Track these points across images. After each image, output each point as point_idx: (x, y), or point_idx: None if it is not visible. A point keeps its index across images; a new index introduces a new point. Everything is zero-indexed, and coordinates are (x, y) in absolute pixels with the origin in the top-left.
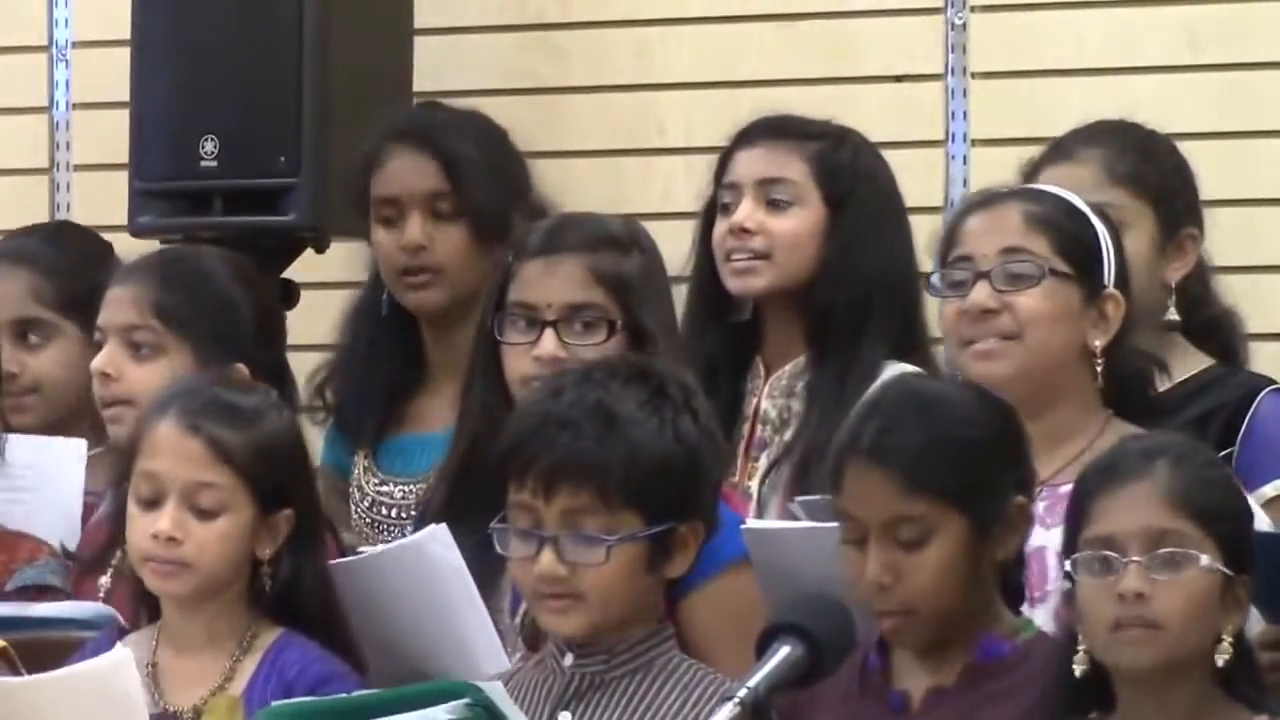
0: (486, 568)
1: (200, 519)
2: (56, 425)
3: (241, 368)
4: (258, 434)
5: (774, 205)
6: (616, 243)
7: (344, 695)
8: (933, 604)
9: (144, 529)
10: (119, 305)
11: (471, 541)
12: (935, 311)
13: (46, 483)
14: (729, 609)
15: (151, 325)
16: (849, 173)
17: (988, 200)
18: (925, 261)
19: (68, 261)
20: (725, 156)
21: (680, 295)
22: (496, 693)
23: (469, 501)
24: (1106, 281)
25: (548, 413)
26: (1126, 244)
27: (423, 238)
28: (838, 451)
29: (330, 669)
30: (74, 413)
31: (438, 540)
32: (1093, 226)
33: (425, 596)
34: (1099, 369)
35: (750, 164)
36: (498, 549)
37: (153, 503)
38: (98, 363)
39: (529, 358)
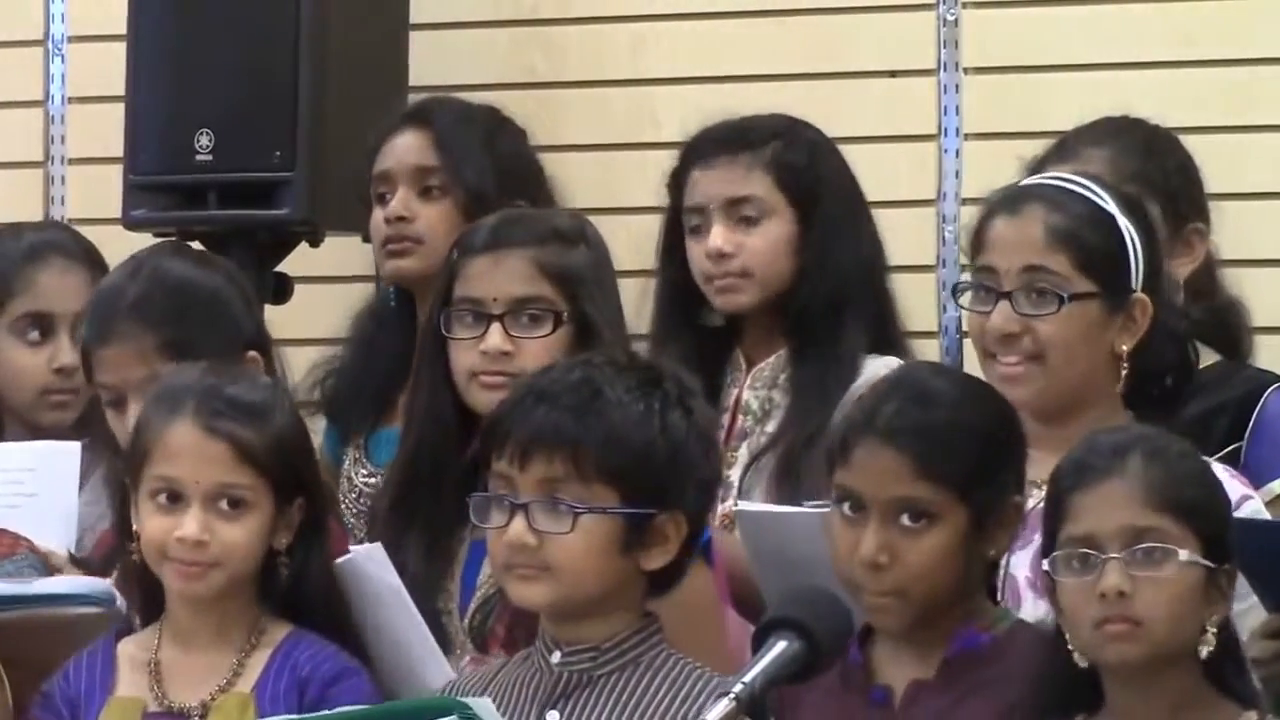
0: (433, 571)
1: (225, 519)
2: (80, 422)
3: (255, 356)
4: (274, 430)
5: (745, 222)
6: (562, 236)
7: (328, 713)
8: (923, 589)
9: (165, 531)
10: (129, 362)
11: (422, 545)
12: (927, 304)
13: (45, 487)
14: (690, 601)
15: (166, 370)
16: (811, 175)
17: (1014, 202)
18: (919, 255)
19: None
20: (680, 173)
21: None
22: (484, 709)
23: (418, 504)
24: (1134, 284)
25: (532, 386)
26: None
27: (404, 209)
28: (849, 427)
29: (342, 666)
30: (87, 415)
31: (373, 560)
32: (1119, 230)
33: (364, 613)
34: (1124, 371)
35: (713, 185)
36: (474, 520)
37: (173, 505)
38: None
39: (475, 351)
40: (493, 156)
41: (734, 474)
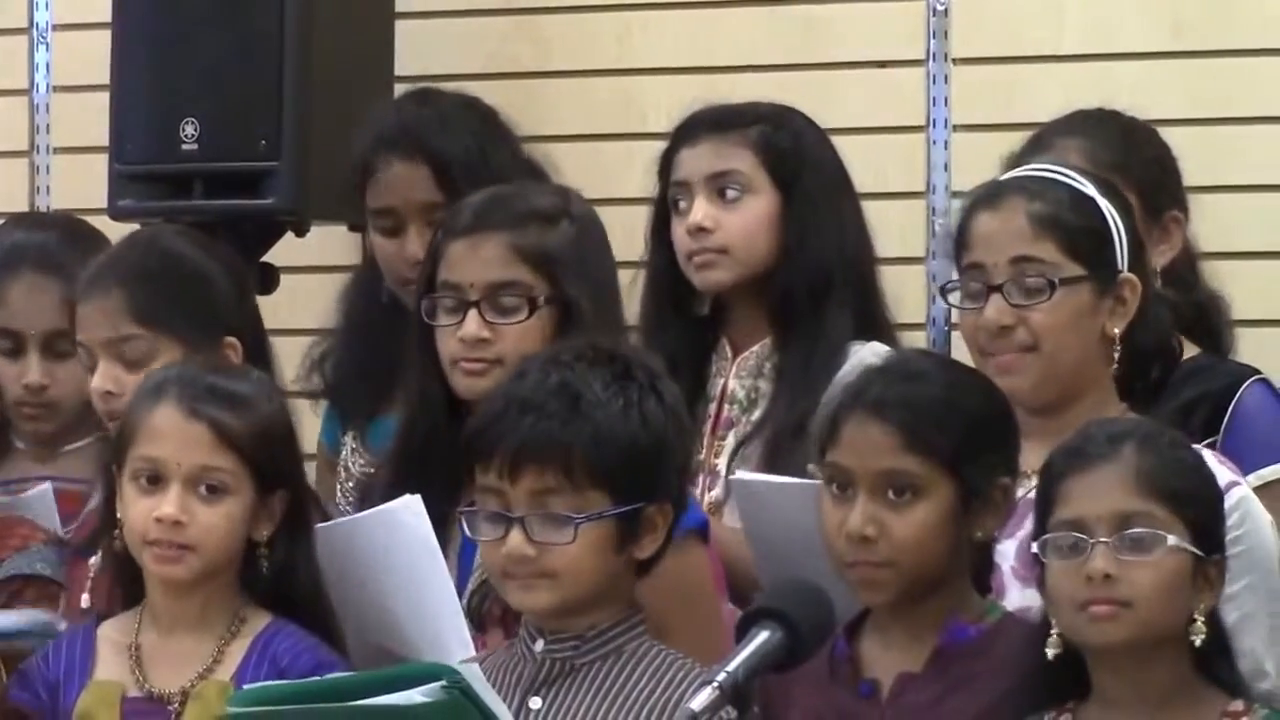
0: None
1: (204, 502)
2: (62, 430)
3: (234, 342)
4: (256, 417)
5: (726, 198)
6: (542, 216)
7: (319, 678)
8: (912, 560)
9: (146, 512)
10: (97, 320)
11: None
12: (916, 296)
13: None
14: (679, 584)
15: (136, 333)
16: (794, 155)
17: (994, 197)
18: (908, 247)
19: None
20: (669, 155)
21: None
22: (473, 675)
23: (412, 487)
24: (1121, 265)
25: (512, 395)
26: None
27: (424, 252)
28: (836, 407)
29: (320, 659)
30: (79, 415)
31: (410, 510)
32: (1100, 212)
33: (393, 567)
34: (1117, 354)
35: (697, 161)
36: (466, 533)
37: (154, 488)
38: (97, 383)
39: (457, 338)
40: (492, 176)
41: (720, 462)
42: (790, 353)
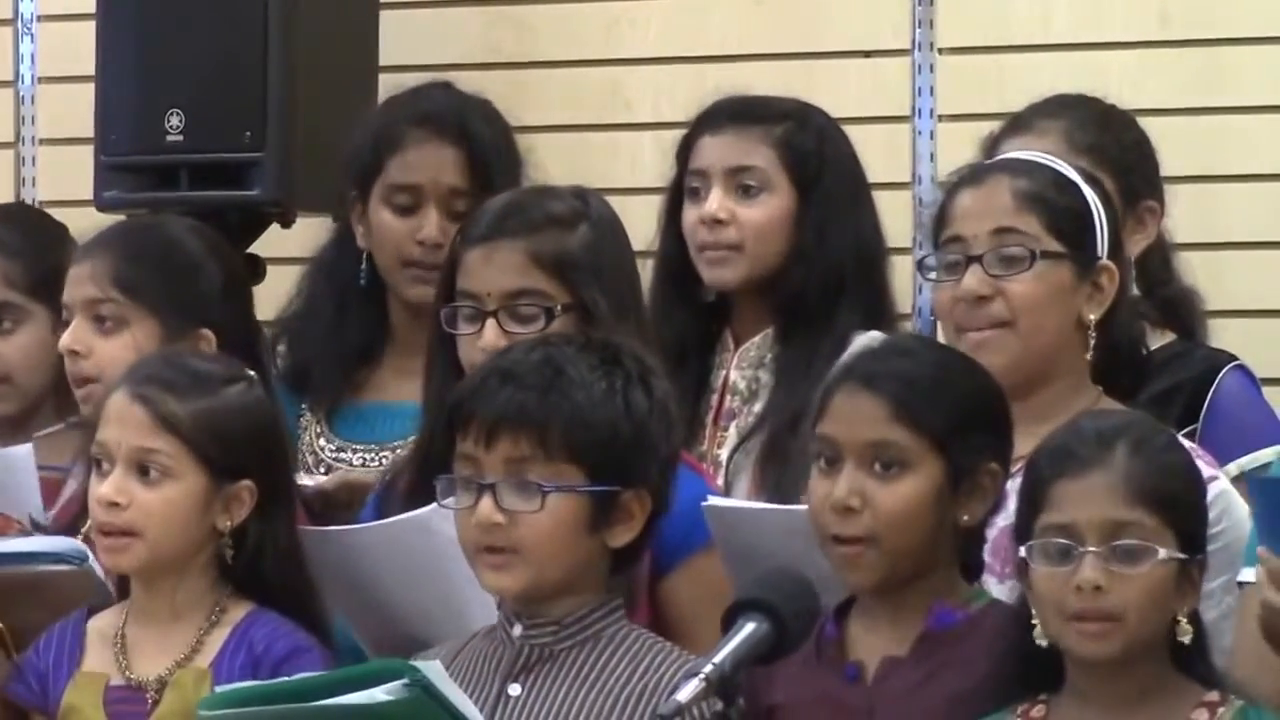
0: None
1: (145, 486)
2: (28, 410)
3: (208, 334)
4: (207, 404)
5: (744, 192)
6: (558, 221)
7: (284, 680)
8: (895, 537)
9: (93, 497)
10: (81, 280)
11: None
12: (902, 286)
13: (5, 495)
14: (710, 586)
15: (113, 298)
16: (816, 157)
17: (977, 176)
18: (892, 237)
19: (32, 244)
20: (690, 140)
21: (647, 270)
22: (434, 672)
23: (433, 493)
24: (1100, 252)
25: (494, 367)
26: None
27: (440, 235)
28: (829, 382)
29: (297, 642)
30: (44, 396)
31: (440, 516)
32: (1083, 196)
33: (425, 571)
34: (1092, 342)
35: (717, 151)
36: (439, 501)
37: (104, 472)
38: (65, 340)
39: (478, 348)
40: (511, 177)
41: (723, 453)
42: (794, 347)
